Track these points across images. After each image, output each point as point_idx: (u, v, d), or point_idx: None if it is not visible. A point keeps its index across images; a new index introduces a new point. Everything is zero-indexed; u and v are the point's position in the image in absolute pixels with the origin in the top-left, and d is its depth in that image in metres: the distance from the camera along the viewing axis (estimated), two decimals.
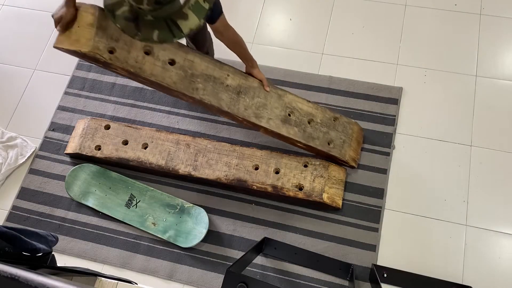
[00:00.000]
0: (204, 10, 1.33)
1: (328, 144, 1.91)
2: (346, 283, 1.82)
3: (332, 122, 1.95)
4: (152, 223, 1.97)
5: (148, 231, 1.96)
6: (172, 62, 1.61)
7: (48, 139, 2.22)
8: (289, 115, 1.84)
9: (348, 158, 1.95)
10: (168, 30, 1.30)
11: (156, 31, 1.30)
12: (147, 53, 1.57)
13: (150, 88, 2.26)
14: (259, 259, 1.88)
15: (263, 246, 1.88)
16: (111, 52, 1.49)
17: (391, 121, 2.09)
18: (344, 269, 1.83)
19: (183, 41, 1.95)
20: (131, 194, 2.03)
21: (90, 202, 2.03)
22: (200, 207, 1.97)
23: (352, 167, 2.00)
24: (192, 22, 1.32)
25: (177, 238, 1.93)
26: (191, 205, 1.98)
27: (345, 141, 1.95)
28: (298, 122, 1.86)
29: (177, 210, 1.98)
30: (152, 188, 2.04)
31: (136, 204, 2.01)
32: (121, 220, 1.99)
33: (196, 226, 1.94)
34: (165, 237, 1.94)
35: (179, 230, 1.95)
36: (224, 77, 1.71)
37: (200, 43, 1.94)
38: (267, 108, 1.79)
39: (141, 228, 1.97)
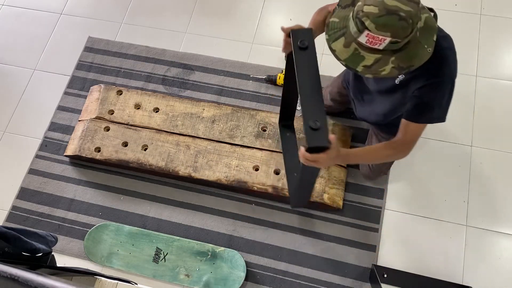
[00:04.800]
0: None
1: None
2: (346, 283, 1.82)
3: None
4: (186, 275, 1.86)
5: (183, 284, 1.85)
6: (156, 110, 2.09)
7: (48, 139, 2.22)
8: (264, 130, 2.03)
9: None
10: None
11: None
12: (137, 107, 2.12)
13: (149, 88, 2.27)
14: (259, 259, 1.88)
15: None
16: (111, 113, 2.11)
17: None
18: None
19: None
20: (157, 247, 1.91)
21: (115, 264, 1.91)
22: (233, 250, 1.88)
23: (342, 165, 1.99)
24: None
25: (215, 287, 1.84)
26: (223, 249, 1.88)
27: None
28: (272, 134, 2.01)
29: (209, 256, 1.88)
30: (178, 238, 1.92)
31: (164, 258, 1.90)
32: (151, 277, 1.88)
33: (232, 270, 1.84)
34: (201, 287, 1.85)
35: (216, 277, 1.85)
36: (200, 111, 2.08)
37: None
38: (240, 128, 2.04)
39: (174, 282, 1.86)
